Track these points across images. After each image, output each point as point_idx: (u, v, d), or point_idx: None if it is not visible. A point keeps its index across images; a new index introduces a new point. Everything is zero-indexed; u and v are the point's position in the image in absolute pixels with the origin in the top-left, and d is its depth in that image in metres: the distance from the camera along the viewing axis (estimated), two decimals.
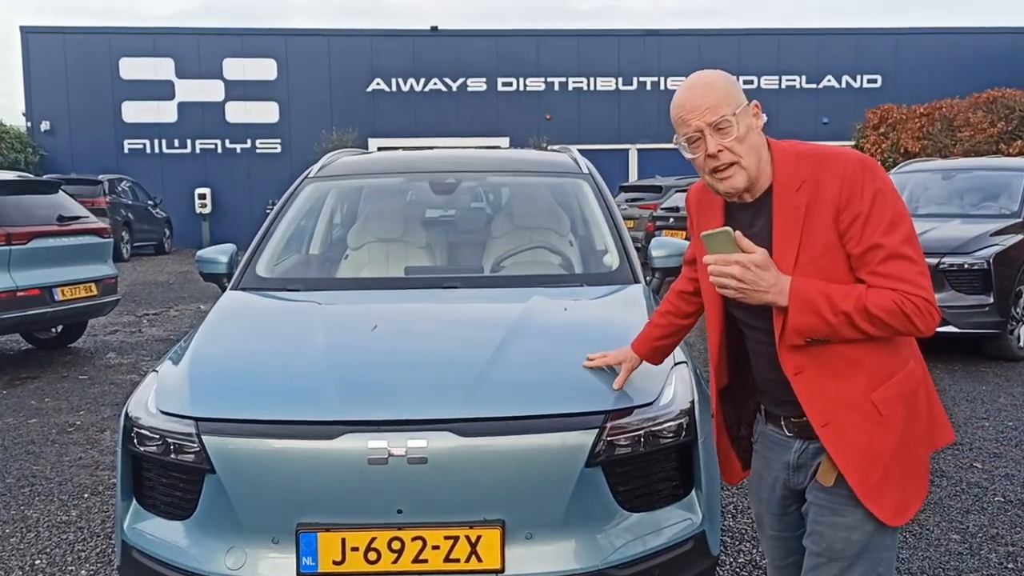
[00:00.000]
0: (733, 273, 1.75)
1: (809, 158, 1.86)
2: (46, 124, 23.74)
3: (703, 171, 1.87)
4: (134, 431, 2.51)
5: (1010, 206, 8.12)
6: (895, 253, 1.76)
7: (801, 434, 1.92)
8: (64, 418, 5.96)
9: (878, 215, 1.78)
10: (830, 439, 1.82)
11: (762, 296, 1.76)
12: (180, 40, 24.31)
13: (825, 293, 1.75)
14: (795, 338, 1.78)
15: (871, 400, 1.81)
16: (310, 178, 4.11)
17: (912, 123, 19.06)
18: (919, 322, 1.75)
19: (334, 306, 3.23)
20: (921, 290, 1.75)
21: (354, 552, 2.26)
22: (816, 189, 1.81)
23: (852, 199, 1.78)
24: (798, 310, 1.75)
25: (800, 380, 1.82)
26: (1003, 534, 3.82)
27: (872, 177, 1.80)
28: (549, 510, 2.33)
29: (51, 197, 7.95)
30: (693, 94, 1.84)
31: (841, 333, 1.77)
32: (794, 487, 1.98)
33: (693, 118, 1.82)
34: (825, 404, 1.82)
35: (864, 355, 1.81)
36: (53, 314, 7.48)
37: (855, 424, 1.81)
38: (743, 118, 1.83)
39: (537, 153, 5.01)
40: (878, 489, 1.83)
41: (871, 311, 1.74)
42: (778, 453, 1.99)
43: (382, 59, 24.75)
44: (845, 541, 1.87)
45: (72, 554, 3.73)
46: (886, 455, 1.83)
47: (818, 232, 1.80)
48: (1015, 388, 6.53)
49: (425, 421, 2.31)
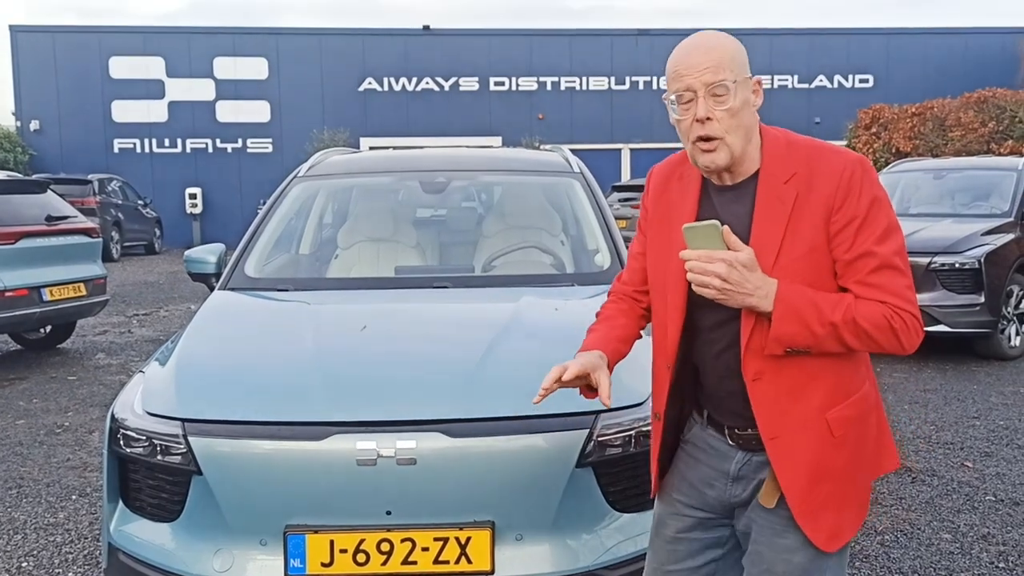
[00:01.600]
0: (718, 272, 1.59)
1: (802, 149, 1.73)
2: (35, 123, 23.61)
3: (686, 137, 1.71)
4: (120, 432, 2.49)
5: (1001, 205, 8.14)
6: (887, 263, 1.65)
7: (745, 446, 1.80)
8: (52, 419, 5.92)
9: (874, 221, 1.66)
10: (777, 453, 1.70)
11: (745, 299, 1.61)
12: (170, 39, 24.22)
13: (812, 301, 1.62)
14: (776, 347, 1.64)
15: (825, 419, 1.70)
16: (299, 177, 4.09)
17: (904, 123, 19.12)
18: (905, 339, 1.65)
19: (323, 306, 3.21)
20: (910, 305, 1.66)
21: (343, 554, 2.24)
22: (808, 184, 1.68)
23: (848, 201, 1.65)
24: (783, 317, 1.61)
25: (757, 387, 1.70)
26: (994, 533, 3.82)
27: (871, 182, 1.68)
28: (539, 511, 2.32)
29: (40, 197, 7.90)
30: (696, 50, 1.69)
31: (824, 346, 1.64)
32: (728, 498, 1.84)
33: (690, 75, 1.68)
34: (778, 416, 1.70)
35: (826, 371, 1.70)
36: (41, 314, 7.43)
37: (805, 441, 1.70)
38: (742, 90, 1.69)
39: (528, 152, 4.99)
40: (816, 512, 1.72)
41: (860, 324, 1.62)
42: (715, 460, 1.85)
43: (374, 58, 24.70)
44: (786, 563, 1.76)
45: (59, 556, 3.70)
46: (831, 477, 1.72)
47: (805, 231, 1.66)
48: (1006, 387, 6.55)
49: (414, 422, 2.29)
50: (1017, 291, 7.58)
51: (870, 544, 3.71)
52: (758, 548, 1.80)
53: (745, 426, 1.78)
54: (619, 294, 2.02)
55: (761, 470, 1.78)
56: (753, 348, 1.68)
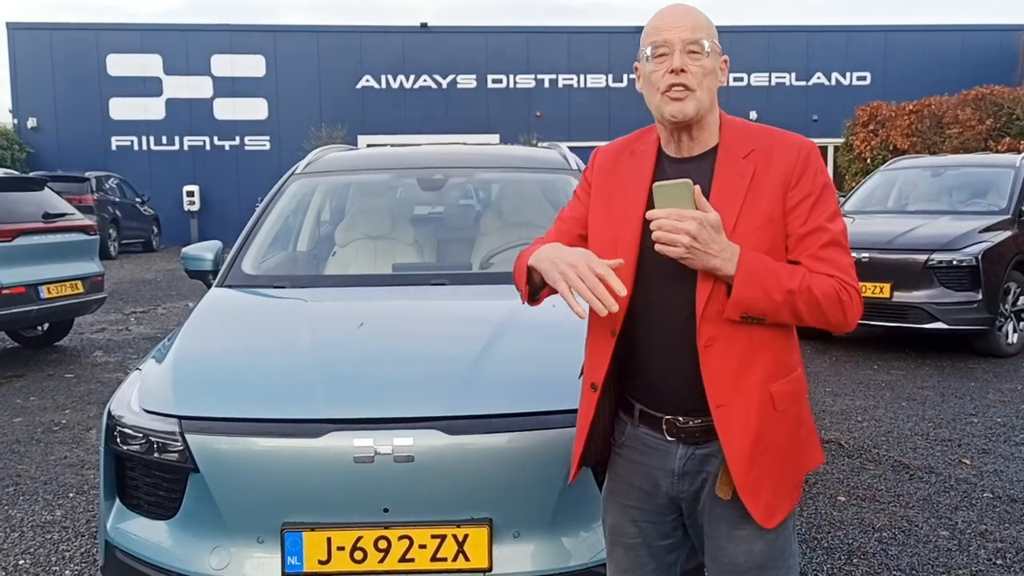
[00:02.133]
0: (688, 229, 1.59)
1: (758, 131, 1.81)
2: (33, 121, 23.55)
3: (656, 89, 1.73)
4: (117, 430, 2.48)
5: (999, 203, 8.15)
6: (836, 241, 1.73)
7: (685, 439, 1.80)
8: (50, 417, 5.91)
9: (826, 200, 1.75)
10: (723, 421, 1.72)
11: (710, 260, 1.62)
12: (168, 36, 24.16)
13: (772, 268, 1.67)
14: (734, 312, 1.66)
15: (769, 391, 1.74)
16: (297, 174, 4.08)
17: (901, 120, 19.14)
18: (850, 313, 1.73)
19: (320, 303, 3.20)
20: (856, 282, 1.74)
21: (340, 551, 2.24)
22: (767, 160, 1.74)
23: (805, 177, 1.73)
24: (745, 282, 1.64)
25: (708, 354, 1.71)
26: (992, 530, 3.82)
27: (821, 165, 1.77)
28: (537, 508, 2.31)
29: (37, 194, 7.89)
30: (678, 11, 1.76)
31: (779, 314, 1.68)
32: (677, 495, 1.85)
33: (668, 30, 1.72)
34: (727, 384, 1.71)
35: (771, 344, 1.74)
36: (39, 312, 7.42)
37: (750, 411, 1.72)
38: (714, 57, 1.74)
39: (526, 149, 4.98)
40: (755, 486, 1.75)
41: (814, 293, 1.68)
42: (656, 459, 1.84)
43: (371, 56, 24.66)
44: (747, 554, 1.80)
45: (56, 554, 3.70)
46: (771, 451, 1.76)
47: (763, 203, 1.72)
48: (1003, 384, 6.55)
49: (412, 419, 2.28)
50: (1014, 288, 7.58)
51: (868, 541, 3.72)
52: (718, 543, 1.82)
53: (687, 413, 1.78)
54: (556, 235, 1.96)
55: (706, 463, 1.80)
56: (709, 315, 1.70)
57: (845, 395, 6.28)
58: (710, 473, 1.80)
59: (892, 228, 7.88)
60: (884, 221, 8.37)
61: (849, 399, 6.16)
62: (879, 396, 6.23)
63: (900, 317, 7.44)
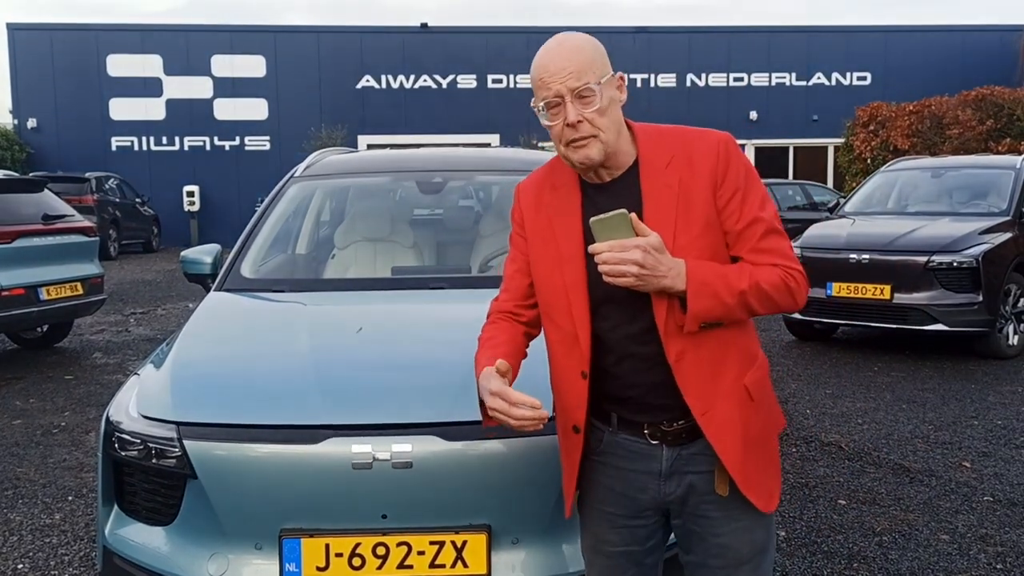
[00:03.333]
0: (635, 259, 1.60)
1: (673, 135, 1.80)
2: (33, 121, 23.55)
3: (558, 141, 1.74)
4: (115, 436, 2.47)
5: (999, 204, 8.14)
6: (772, 228, 1.75)
7: (670, 441, 1.81)
8: (49, 419, 5.91)
9: (754, 189, 1.76)
10: (711, 427, 1.74)
11: (660, 282, 1.63)
12: (168, 37, 24.16)
13: (719, 273, 1.69)
14: (693, 324, 1.68)
15: (743, 385, 1.78)
16: (296, 177, 4.07)
17: (901, 120, 19.14)
18: (798, 296, 1.76)
19: (319, 307, 3.19)
20: (798, 264, 1.77)
21: (338, 558, 2.23)
22: (689, 164, 1.74)
23: (729, 172, 1.73)
24: (697, 293, 1.65)
25: (681, 367, 1.72)
26: (992, 534, 3.82)
27: (739, 153, 1.77)
28: (536, 514, 2.31)
29: (36, 196, 7.89)
30: (558, 56, 1.70)
31: (734, 314, 1.71)
32: (663, 498, 1.84)
33: (555, 82, 1.69)
34: (705, 391, 1.74)
35: (736, 340, 1.78)
36: (38, 314, 7.42)
37: (732, 411, 1.76)
38: (607, 89, 1.72)
39: (525, 152, 4.97)
40: (752, 478, 1.79)
41: (763, 287, 1.70)
42: (641, 463, 1.84)
43: (372, 56, 24.66)
44: (750, 544, 1.84)
45: (55, 558, 3.69)
46: (757, 441, 1.80)
47: (697, 208, 1.72)
48: (1004, 386, 6.54)
49: (410, 425, 2.28)
50: (1015, 290, 7.58)
51: (868, 545, 3.71)
52: (720, 541, 1.83)
53: (671, 419, 1.79)
54: (497, 312, 1.97)
55: (691, 463, 1.81)
56: (671, 330, 1.72)
57: (845, 397, 6.27)
58: (697, 472, 1.81)
59: (892, 230, 7.87)
60: (884, 223, 8.37)
61: (849, 401, 6.15)
62: (879, 398, 6.22)
63: (901, 319, 7.44)
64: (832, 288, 7.68)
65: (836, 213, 9.29)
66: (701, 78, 25.02)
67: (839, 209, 9.39)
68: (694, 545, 1.87)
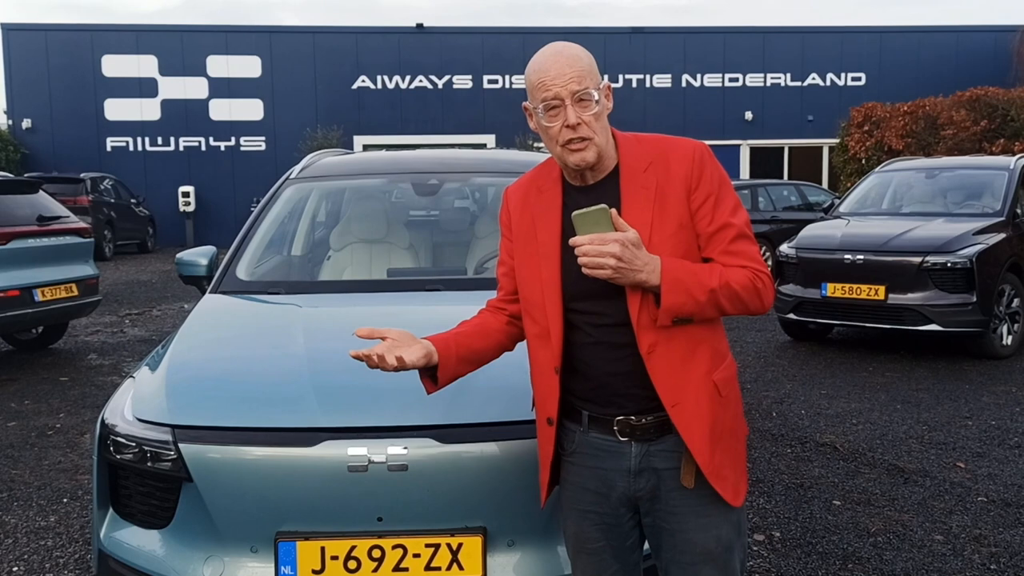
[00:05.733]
0: (613, 252, 1.68)
1: (652, 142, 1.90)
2: (27, 122, 23.49)
3: (555, 141, 1.82)
4: (110, 439, 2.47)
5: (993, 205, 8.17)
6: (742, 233, 1.84)
7: (639, 436, 1.88)
8: (44, 421, 5.90)
9: (727, 197, 1.85)
10: (680, 419, 1.81)
11: (636, 275, 1.72)
12: (163, 37, 24.12)
13: (692, 271, 1.77)
14: (666, 318, 1.76)
15: (713, 380, 1.85)
16: (291, 179, 4.07)
17: (896, 121, 19.17)
18: (766, 298, 1.84)
19: (315, 310, 3.20)
20: (766, 267, 1.85)
21: (334, 561, 2.23)
22: (665, 169, 1.84)
23: (703, 179, 1.83)
24: (670, 289, 1.73)
25: (652, 359, 1.80)
26: (986, 534, 3.83)
27: (715, 163, 1.87)
28: (531, 517, 2.31)
29: (31, 197, 7.88)
30: (559, 60, 1.81)
31: (705, 311, 1.79)
32: (633, 494, 1.91)
33: (557, 84, 1.79)
34: (676, 383, 1.81)
35: (707, 337, 1.85)
36: (33, 315, 7.41)
37: (701, 404, 1.82)
38: (602, 98, 1.83)
39: (520, 153, 4.98)
40: (720, 471, 1.85)
41: (733, 287, 1.78)
42: (611, 461, 1.91)
43: (367, 56, 24.65)
44: (716, 539, 1.89)
45: (50, 561, 3.69)
46: (725, 435, 1.87)
47: (671, 210, 1.82)
48: (998, 387, 6.56)
49: (405, 428, 2.28)
50: (1009, 290, 7.60)
51: (863, 546, 3.72)
52: (686, 536, 1.89)
53: (639, 412, 1.86)
54: (486, 307, 2.14)
55: (659, 459, 1.88)
56: (644, 323, 1.79)
57: (840, 397, 6.28)
58: (666, 468, 1.87)
59: (887, 230, 7.89)
60: (879, 223, 8.39)
61: (844, 401, 6.17)
62: (874, 399, 6.24)
63: (895, 319, 7.46)
64: (827, 288, 7.70)
65: (831, 214, 9.31)
66: (696, 78, 25.04)
67: (834, 210, 9.41)
68: (663, 542, 1.92)
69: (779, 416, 5.80)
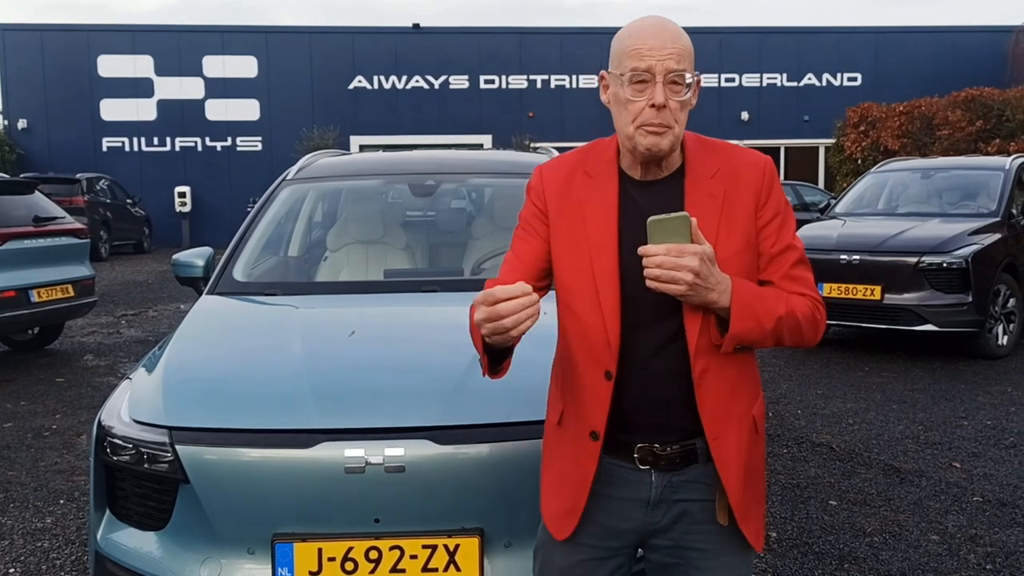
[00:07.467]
0: (692, 266, 1.49)
1: (720, 148, 1.72)
2: (23, 122, 23.45)
3: (631, 121, 1.61)
4: (107, 440, 2.47)
5: (988, 205, 8.19)
6: (803, 258, 1.70)
7: (663, 466, 1.68)
8: (40, 422, 5.89)
9: (790, 218, 1.72)
10: (720, 453, 1.65)
11: (708, 295, 1.54)
12: (159, 37, 24.09)
13: (760, 295, 1.61)
14: (730, 345, 1.60)
15: (752, 415, 1.71)
16: (288, 180, 4.07)
17: (892, 121, 19.22)
18: (820, 330, 1.70)
19: (311, 311, 3.20)
20: (821, 298, 1.70)
21: (331, 562, 2.23)
22: (735, 178, 1.67)
23: (772, 194, 1.68)
24: (741, 314, 1.56)
25: (704, 386, 1.63)
26: (982, 534, 3.84)
27: (779, 183, 1.73)
28: (528, 518, 2.30)
29: (27, 198, 7.87)
30: (663, 33, 1.60)
31: (766, 341, 1.63)
32: (647, 527, 1.72)
33: (654, 57, 1.57)
34: (721, 414, 1.66)
35: (750, 369, 1.73)
36: (29, 316, 7.40)
37: (742, 438, 1.68)
38: (693, 87, 1.64)
39: (517, 155, 4.99)
40: (747, 510, 1.71)
41: (797, 317, 1.64)
42: (627, 490, 1.71)
43: (364, 56, 24.64)
44: None
45: (47, 562, 3.68)
46: (754, 475, 1.73)
47: (740, 224, 1.65)
48: (993, 386, 6.58)
49: (403, 429, 2.28)
50: (1004, 290, 7.62)
51: (859, 546, 3.73)
52: (707, 574, 1.72)
53: (665, 442, 1.67)
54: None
55: (684, 491, 1.70)
56: (702, 346, 1.62)
57: (836, 397, 6.29)
58: (696, 500, 1.71)
59: (883, 230, 7.91)
60: (875, 223, 8.41)
61: (840, 401, 6.18)
62: (870, 398, 6.25)
63: (891, 319, 7.48)
64: (823, 289, 7.71)
65: (827, 214, 9.33)
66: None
67: (830, 210, 9.43)
68: None
69: (775, 416, 5.81)
